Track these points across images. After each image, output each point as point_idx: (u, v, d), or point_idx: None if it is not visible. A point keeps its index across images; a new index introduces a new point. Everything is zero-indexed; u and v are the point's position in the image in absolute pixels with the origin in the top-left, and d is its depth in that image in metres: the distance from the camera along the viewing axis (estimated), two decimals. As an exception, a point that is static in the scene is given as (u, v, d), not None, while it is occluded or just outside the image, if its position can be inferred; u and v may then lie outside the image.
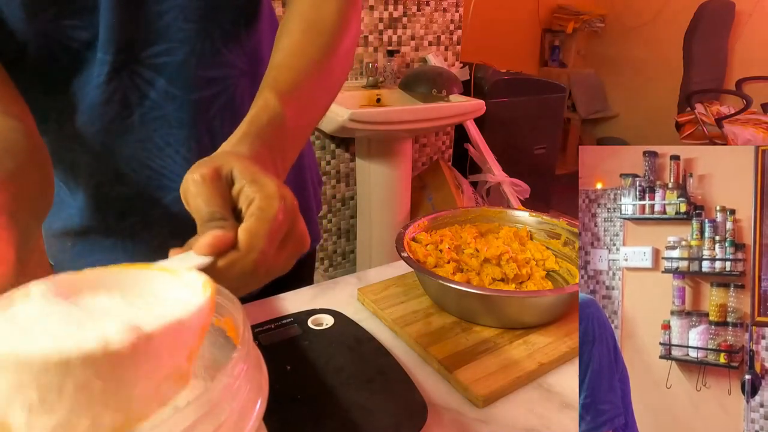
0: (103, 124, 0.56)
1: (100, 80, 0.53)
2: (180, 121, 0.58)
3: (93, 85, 0.54)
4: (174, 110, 0.57)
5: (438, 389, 0.52)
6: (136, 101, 0.56)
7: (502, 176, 2.44)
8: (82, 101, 0.54)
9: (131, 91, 0.55)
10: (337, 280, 0.74)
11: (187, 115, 0.58)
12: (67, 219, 0.62)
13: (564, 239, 0.74)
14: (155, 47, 0.54)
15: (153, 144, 0.58)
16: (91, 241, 0.63)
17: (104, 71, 0.53)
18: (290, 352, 0.53)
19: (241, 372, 0.23)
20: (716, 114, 2.94)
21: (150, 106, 0.56)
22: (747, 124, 2.85)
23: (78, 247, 0.64)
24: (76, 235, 0.63)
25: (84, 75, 0.53)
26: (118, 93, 0.55)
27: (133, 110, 0.56)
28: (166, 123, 0.58)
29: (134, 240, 0.63)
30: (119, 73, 0.54)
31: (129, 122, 0.57)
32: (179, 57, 0.55)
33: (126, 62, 0.54)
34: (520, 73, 2.89)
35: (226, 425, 0.22)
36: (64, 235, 0.64)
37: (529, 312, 0.60)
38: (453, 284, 0.58)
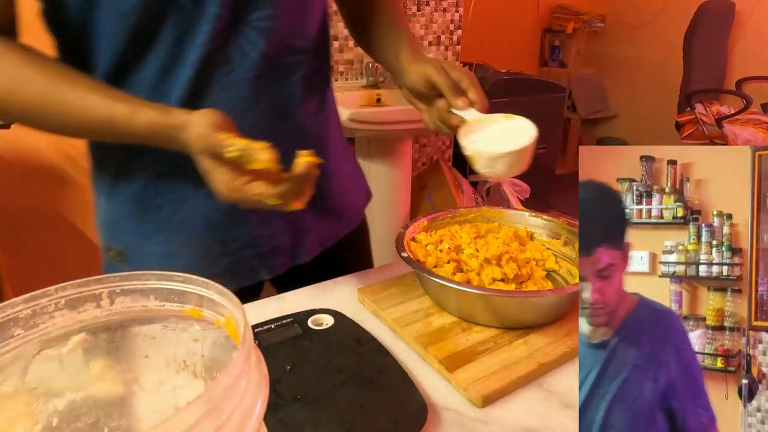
0: (201, 80, 0.61)
1: (215, 33, 0.59)
2: (269, 81, 0.65)
3: (205, 38, 0.59)
4: (266, 71, 0.64)
5: (438, 389, 0.52)
6: (240, 58, 0.62)
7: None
8: (185, 58, 0.60)
9: (236, 48, 0.62)
10: (337, 280, 0.74)
11: (274, 76, 0.66)
12: (154, 160, 0.67)
13: (564, 239, 0.74)
14: (260, 11, 0.61)
15: (243, 101, 0.64)
16: (167, 179, 0.68)
17: (219, 25, 0.59)
18: (290, 352, 0.53)
19: (242, 372, 0.23)
20: (716, 114, 2.94)
21: (248, 66, 0.63)
22: (747, 124, 2.85)
23: (158, 186, 0.68)
24: (157, 174, 0.68)
25: (196, 30, 0.59)
26: (226, 47, 0.61)
27: (235, 65, 0.62)
28: (256, 82, 0.64)
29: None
30: (231, 29, 0.60)
31: (226, 80, 0.62)
32: (279, 24, 0.63)
33: (236, 20, 0.60)
34: (520, 73, 2.89)
35: (227, 425, 0.22)
36: (145, 171, 0.68)
37: (529, 312, 0.60)
38: (453, 284, 0.58)
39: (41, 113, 0.58)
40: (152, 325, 0.33)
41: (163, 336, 0.33)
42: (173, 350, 0.34)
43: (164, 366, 0.34)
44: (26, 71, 0.56)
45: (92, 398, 0.32)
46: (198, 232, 0.69)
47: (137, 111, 0.55)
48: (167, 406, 0.34)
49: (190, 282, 0.31)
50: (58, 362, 0.31)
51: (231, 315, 0.29)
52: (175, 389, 0.34)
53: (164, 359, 0.34)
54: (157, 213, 0.69)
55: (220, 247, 0.70)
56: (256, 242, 0.71)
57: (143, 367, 0.34)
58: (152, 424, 0.22)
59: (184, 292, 0.31)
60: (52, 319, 0.30)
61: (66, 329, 0.31)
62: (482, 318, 0.60)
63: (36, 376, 0.30)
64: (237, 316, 0.28)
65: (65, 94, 0.56)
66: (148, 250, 0.71)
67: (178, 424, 0.20)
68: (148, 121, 0.55)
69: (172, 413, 0.20)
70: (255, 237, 0.71)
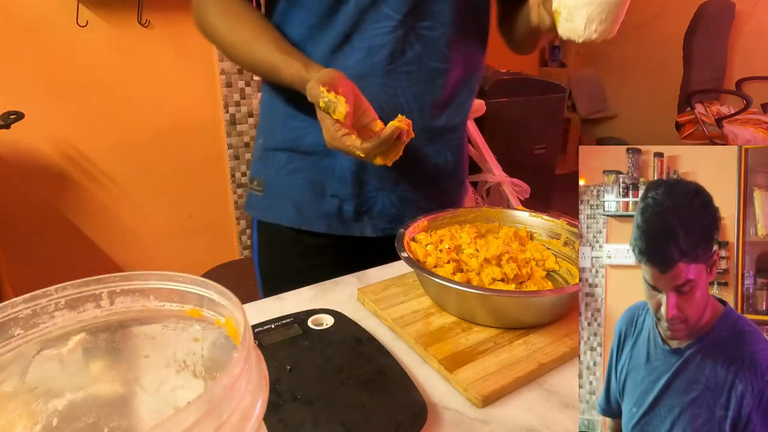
0: (369, 65, 0.76)
1: (385, 30, 0.75)
2: (417, 80, 0.79)
3: (375, 32, 0.75)
4: (416, 71, 0.78)
5: (438, 389, 0.52)
6: (399, 55, 0.77)
7: (502, 176, 2.44)
8: (362, 42, 0.76)
9: (399, 46, 0.76)
10: (337, 280, 0.74)
11: (423, 77, 0.79)
12: (294, 139, 0.85)
13: (564, 239, 0.74)
14: (424, 22, 0.76)
15: (392, 90, 0.78)
16: (300, 157, 0.85)
17: (390, 24, 0.75)
18: (290, 352, 0.53)
19: (242, 372, 0.23)
20: (716, 114, 2.94)
21: (405, 62, 0.77)
22: (747, 124, 2.85)
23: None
24: (291, 151, 0.85)
25: (370, 24, 0.75)
26: (390, 44, 0.75)
27: (394, 59, 0.77)
28: (407, 78, 0.78)
29: (335, 159, 0.84)
30: (398, 30, 0.75)
31: (388, 68, 0.77)
32: (435, 34, 0.77)
33: (404, 24, 0.75)
34: (520, 73, 2.89)
35: (227, 425, 0.22)
36: (280, 150, 0.87)
37: (529, 312, 0.60)
38: (453, 284, 0.58)
39: (239, 50, 0.76)
40: (152, 325, 0.33)
41: (163, 336, 0.33)
42: (173, 350, 0.34)
43: (164, 366, 0.34)
44: (241, 19, 0.76)
45: (92, 398, 0.32)
46: (333, 179, 0.84)
47: (290, 62, 0.71)
48: (167, 406, 0.34)
49: (190, 282, 0.31)
50: (58, 362, 0.31)
51: (231, 315, 0.29)
52: (175, 389, 0.34)
53: (164, 359, 0.34)
54: (307, 157, 0.84)
55: (342, 196, 0.84)
56: (371, 202, 0.85)
57: (143, 367, 0.34)
58: (152, 424, 0.22)
59: (184, 292, 0.31)
60: (52, 319, 0.30)
61: (66, 329, 0.31)
62: (482, 318, 0.60)
63: (36, 376, 0.30)
64: (237, 316, 0.28)
65: (256, 42, 0.74)
66: (286, 185, 0.86)
67: (178, 424, 0.20)
68: (294, 71, 0.70)
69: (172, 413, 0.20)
70: (372, 197, 0.85)
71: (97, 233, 2.11)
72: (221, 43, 0.78)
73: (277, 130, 0.86)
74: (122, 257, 2.19)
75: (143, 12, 1.96)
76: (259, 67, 0.76)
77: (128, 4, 1.93)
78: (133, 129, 2.07)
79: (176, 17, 2.04)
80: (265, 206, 0.89)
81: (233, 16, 0.76)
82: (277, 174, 0.87)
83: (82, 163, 2.02)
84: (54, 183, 1.99)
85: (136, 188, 2.14)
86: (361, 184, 0.84)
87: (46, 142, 1.94)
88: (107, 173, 2.08)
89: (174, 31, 2.05)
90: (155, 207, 2.20)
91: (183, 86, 2.13)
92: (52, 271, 2.03)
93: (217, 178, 2.33)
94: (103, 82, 1.97)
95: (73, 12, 1.84)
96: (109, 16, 1.92)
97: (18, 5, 1.78)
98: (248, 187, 0.93)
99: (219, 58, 2.16)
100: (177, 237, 2.28)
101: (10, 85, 1.83)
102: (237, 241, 2.44)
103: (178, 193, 2.24)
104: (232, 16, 0.76)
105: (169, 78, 2.09)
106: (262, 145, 0.90)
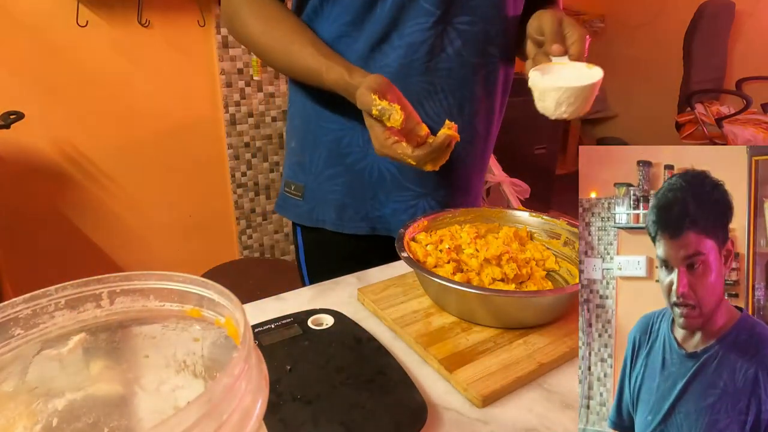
0: (408, 62, 0.75)
1: (424, 26, 0.74)
2: (456, 76, 0.78)
3: (414, 29, 0.74)
4: (456, 66, 0.77)
5: (438, 389, 0.52)
6: (438, 51, 0.76)
7: (502, 176, 2.44)
8: (401, 39, 0.75)
9: (438, 42, 0.75)
10: (337, 280, 0.74)
11: (462, 73, 0.78)
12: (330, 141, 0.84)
13: (564, 239, 0.74)
14: (463, 17, 0.75)
15: (432, 87, 0.78)
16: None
17: (429, 20, 0.73)
18: (290, 352, 0.53)
19: (242, 372, 0.23)
20: (716, 114, 2.94)
21: (444, 58, 0.76)
22: (747, 124, 2.85)
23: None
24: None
25: (408, 20, 0.74)
26: (430, 40, 0.74)
27: (434, 56, 0.76)
28: (447, 74, 0.77)
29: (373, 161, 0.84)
30: (437, 26, 0.74)
31: (428, 65, 0.76)
32: (476, 29, 0.76)
33: (443, 20, 0.74)
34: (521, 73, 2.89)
35: (227, 425, 0.22)
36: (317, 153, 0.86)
37: (529, 312, 0.60)
38: (453, 284, 0.58)
39: (276, 53, 0.75)
40: (152, 325, 0.33)
41: (163, 336, 0.33)
42: (173, 350, 0.34)
43: (164, 366, 0.34)
44: (277, 20, 0.75)
45: (92, 398, 0.32)
46: (371, 182, 0.84)
47: (332, 66, 0.70)
48: (167, 406, 0.34)
49: (190, 282, 0.31)
50: (58, 362, 0.31)
51: (231, 315, 0.29)
52: (175, 389, 0.34)
53: (164, 359, 0.34)
54: (344, 159, 0.83)
55: (384, 200, 0.85)
56: (412, 210, 0.85)
57: (143, 367, 0.34)
58: (152, 424, 0.22)
59: (184, 292, 0.31)
60: (52, 319, 0.30)
61: (66, 329, 0.31)
62: (482, 318, 0.60)
63: (36, 376, 0.30)
64: (237, 316, 0.28)
65: (294, 45, 0.73)
66: (326, 190, 0.86)
67: (178, 424, 0.20)
68: (337, 76, 0.69)
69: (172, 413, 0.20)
70: (412, 206, 0.85)
71: (97, 233, 2.11)
72: (256, 45, 0.77)
73: (311, 132, 0.85)
74: (122, 257, 2.19)
75: (143, 12, 1.96)
76: (297, 70, 0.74)
77: (128, 4, 1.93)
78: (133, 129, 2.07)
79: (176, 17, 2.04)
80: (307, 211, 0.89)
81: (269, 18, 0.75)
82: (316, 179, 0.87)
83: (82, 163, 2.02)
84: (54, 183, 1.99)
85: (136, 188, 2.14)
86: (401, 190, 0.84)
87: (46, 142, 1.94)
88: (107, 173, 2.08)
89: (174, 31, 2.05)
90: (155, 207, 2.20)
91: (183, 86, 2.13)
92: (52, 271, 2.03)
93: (217, 178, 2.33)
94: (103, 82, 1.97)
95: (73, 12, 1.84)
96: (109, 16, 1.92)
97: (18, 5, 1.78)
98: (284, 190, 0.92)
99: (219, 58, 2.16)
100: (177, 237, 2.28)
101: (10, 85, 1.83)
102: (237, 241, 2.44)
103: (178, 193, 2.24)
104: (267, 17, 0.75)
105: (169, 78, 2.09)
106: (295, 148, 0.89)
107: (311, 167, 0.86)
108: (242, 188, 2.37)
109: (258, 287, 1.80)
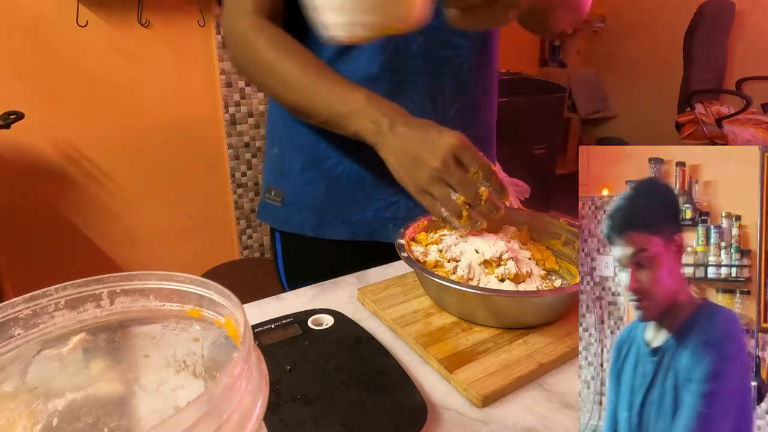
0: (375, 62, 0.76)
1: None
2: (426, 71, 0.78)
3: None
4: (423, 63, 0.78)
5: (438, 389, 0.52)
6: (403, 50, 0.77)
7: (502, 176, 2.43)
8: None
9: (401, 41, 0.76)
10: (337, 280, 0.74)
11: (430, 67, 0.78)
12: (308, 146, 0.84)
13: (564, 239, 0.74)
14: None
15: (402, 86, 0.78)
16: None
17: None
18: (290, 352, 0.53)
19: (242, 372, 0.23)
20: (716, 114, 2.94)
21: (411, 56, 0.77)
22: (747, 124, 2.85)
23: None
24: (306, 159, 0.84)
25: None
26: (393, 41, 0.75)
27: (399, 55, 0.77)
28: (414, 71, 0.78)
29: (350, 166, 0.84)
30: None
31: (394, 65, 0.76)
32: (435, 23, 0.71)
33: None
34: (520, 73, 2.89)
35: (227, 425, 0.22)
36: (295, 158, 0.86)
37: (529, 312, 0.60)
38: (453, 284, 0.58)
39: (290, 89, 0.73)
40: (152, 325, 0.33)
41: (163, 336, 0.33)
42: (173, 350, 0.34)
43: (164, 366, 0.34)
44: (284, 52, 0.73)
45: (92, 398, 0.32)
46: (351, 186, 0.83)
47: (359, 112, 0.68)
48: (167, 406, 0.34)
49: (190, 282, 0.31)
50: (58, 362, 0.31)
51: (231, 315, 0.29)
52: (175, 389, 0.34)
53: (164, 359, 0.34)
54: (322, 164, 0.83)
55: (364, 202, 0.84)
56: (395, 207, 0.85)
57: (143, 367, 0.34)
58: (152, 424, 0.22)
59: (184, 292, 0.31)
60: (52, 319, 0.30)
61: (66, 329, 0.31)
62: (482, 318, 0.60)
63: (36, 376, 0.30)
64: (237, 316, 0.28)
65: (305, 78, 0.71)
66: (305, 195, 0.86)
67: (178, 424, 0.20)
68: (365, 126, 0.68)
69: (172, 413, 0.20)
70: (394, 202, 0.84)
71: (97, 233, 2.11)
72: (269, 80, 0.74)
73: (288, 137, 0.85)
74: (122, 257, 2.19)
75: (143, 12, 1.96)
76: (314, 115, 0.73)
77: (128, 4, 1.93)
78: (133, 129, 2.07)
79: (176, 17, 2.04)
80: (285, 217, 0.88)
81: (287, 52, 0.73)
82: (294, 184, 0.86)
83: (82, 163, 2.02)
84: (54, 183, 1.99)
85: (136, 188, 2.14)
86: (381, 189, 0.83)
87: (46, 142, 1.94)
88: (107, 173, 2.08)
89: (174, 31, 2.05)
90: (155, 207, 2.20)
91: (183, 86, 2.13)
92: (52, 271, 2.03)
93: (217, 178, 2.33)
94: (103, 82, 1.97)
95: (73, 12, 1.85)
96: (109, 16, 1.92)
97: (18, 5, 1.79)
98: (264, 196, 0.91)
99: (219, 58, 2.16)
100: (177, 237, 2.28)
101: (10, 85, 1.83)
102: (237, 241, 2.44)
103: (178, 193, 2.24)
104: (285, 52, 0.73)
105: (169, 78, 2.09)
106: (276, 154, 0.89)
107: (290, 172, 0.86)
108: (242, 188, 2.37)
109: (258, 287, 1.80)
